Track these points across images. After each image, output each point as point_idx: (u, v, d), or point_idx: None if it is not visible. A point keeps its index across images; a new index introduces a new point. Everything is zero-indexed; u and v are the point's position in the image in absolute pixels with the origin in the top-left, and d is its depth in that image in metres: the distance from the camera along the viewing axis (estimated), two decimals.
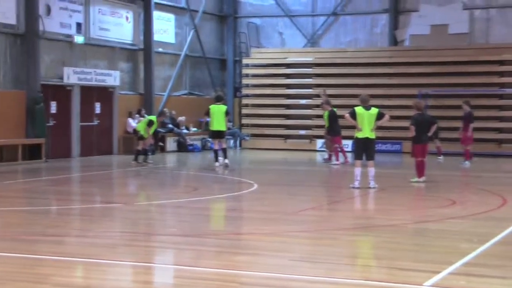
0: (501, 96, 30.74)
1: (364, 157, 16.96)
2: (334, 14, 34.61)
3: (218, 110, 22.32)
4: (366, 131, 16.70)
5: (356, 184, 16.68)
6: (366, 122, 16.68)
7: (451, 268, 8.46)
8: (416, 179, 18.16)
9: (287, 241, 10.47)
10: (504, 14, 32.12)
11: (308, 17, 35.26)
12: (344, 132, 24.61)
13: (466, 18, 32.37)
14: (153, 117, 24.64)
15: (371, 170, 16.81)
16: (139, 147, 24.13)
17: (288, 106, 33.66)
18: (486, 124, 29.78)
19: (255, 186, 17.36)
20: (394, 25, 33.51)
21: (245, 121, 34.24)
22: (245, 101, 34.63)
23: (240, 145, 33.24)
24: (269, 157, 27.98)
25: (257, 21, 36.00)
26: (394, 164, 26.18)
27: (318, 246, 10.13)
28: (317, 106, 32.30)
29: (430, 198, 16.08)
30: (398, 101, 31.16)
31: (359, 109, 16.82)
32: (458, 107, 30.34)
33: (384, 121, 17.09)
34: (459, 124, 25.68)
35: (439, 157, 25.29)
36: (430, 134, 18.68)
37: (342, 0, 34.36)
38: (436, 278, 7.98)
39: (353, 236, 10.99)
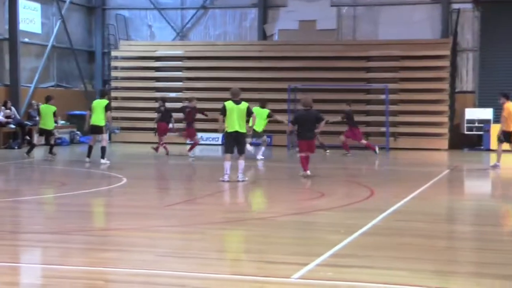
0: (367, 91, 31.52)
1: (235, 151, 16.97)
2: (203, 7, 34.57)
3: (97, 105, 21.87)
4: (236, 125, 16.70)
5: (226, 177, 16.66)
6: (236, 117, 16.68)
7: (319, 260, 8.50)
8: (303, 173, 18.03)
9: (154, 236, 10.29)
10: (370, 11, 32.96)
11: (177, 10, 35.11)
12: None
13: (334, 15, 33.03)
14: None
15: (241, 163, 16.84)
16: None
17: (158, 100, 33.37)
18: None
19: (124, 180, 17.07)
20: (263, 19, 33.79)
21: (114, 114, 33.68)
22: (114, 94, 34.10)
23: (110, 139, 32.68)
24: (139, 151, 27.63)
25: (125, 13, 35.53)
26: (265, 157, 26.32)
27: (187, 241, 9.99)
28: (187, 99, 32.25)
29: (300, 191, 16.24)
30: (268, 95, 31.43)
31: (228, 104, 16.81)
32: (326, 101, 31.05)
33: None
34: (327, 117, 26.07)
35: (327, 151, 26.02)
36: (318, 130, 18.29)
37: None
38: (304, 270, 8.00)
39: (222, 230, 10.92)
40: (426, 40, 32.05)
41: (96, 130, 21.89)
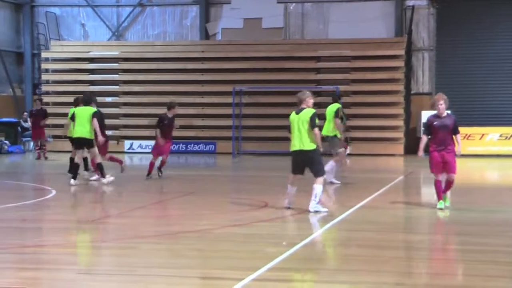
0: (318, 93, 31.62)
1: None
2: (140, 5, 34.41)
3: (80, 113, 18.66)
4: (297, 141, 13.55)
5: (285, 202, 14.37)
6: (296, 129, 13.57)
7: (255, 274, 8.45)
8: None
9: (79, 252, 10.15)
10: (320, 8, 33.12)
11: (113, 7, 34.90)
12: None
13: (281, 12, 33.12)
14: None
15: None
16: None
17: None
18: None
19: (53, 192, 16.85)
20: (205, 17, 33.73)
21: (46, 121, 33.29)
22: (45, 99, 33.70)
23: None
24: None
25: (56, 10, 35.20)
26: (207, 165, 26.27)
27: (114, 257, 9.85)
28: (125, 104, 32.16)
29: (242, 201, 16.17)
30: (211, 98, 31.43)
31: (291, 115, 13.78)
32: (274, 104, 31.11)
33: None
34: (275, 122, 26.03)
35: None
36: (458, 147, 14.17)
37: None
38: (239, 285, 7.94)
39: (153, 244, 10.79)
40: (379, 39, 32.30)
41: (81, 143, 18.96)
